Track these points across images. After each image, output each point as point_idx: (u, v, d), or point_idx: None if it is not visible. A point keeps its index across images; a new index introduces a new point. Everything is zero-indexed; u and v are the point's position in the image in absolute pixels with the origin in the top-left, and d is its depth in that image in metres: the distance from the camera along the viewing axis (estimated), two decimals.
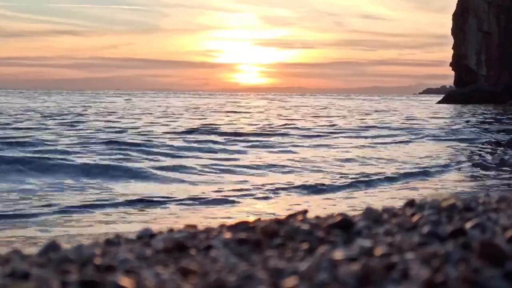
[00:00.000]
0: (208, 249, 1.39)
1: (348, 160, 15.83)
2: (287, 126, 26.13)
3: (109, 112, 38.00)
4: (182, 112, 40.17)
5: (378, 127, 26.61)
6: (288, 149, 17.93)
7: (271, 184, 11.46)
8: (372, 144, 19.83)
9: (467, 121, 31.93)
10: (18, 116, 31.09)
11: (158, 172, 12.81)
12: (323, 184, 11.58)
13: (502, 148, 19.43)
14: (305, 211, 1.71)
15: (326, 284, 1.10)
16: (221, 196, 10.22)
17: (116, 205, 9.21)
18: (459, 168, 14.57)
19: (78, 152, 15.47)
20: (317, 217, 1.67)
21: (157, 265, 1.26)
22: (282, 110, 47.61)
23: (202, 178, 12.50)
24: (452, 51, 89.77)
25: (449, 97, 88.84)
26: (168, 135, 20.88)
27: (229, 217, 8.32)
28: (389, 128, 26.99)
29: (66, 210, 8.74)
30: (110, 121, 28.71)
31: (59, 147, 16.38)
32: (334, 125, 28.03)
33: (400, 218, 1.62)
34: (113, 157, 14.82)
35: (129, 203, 9.33)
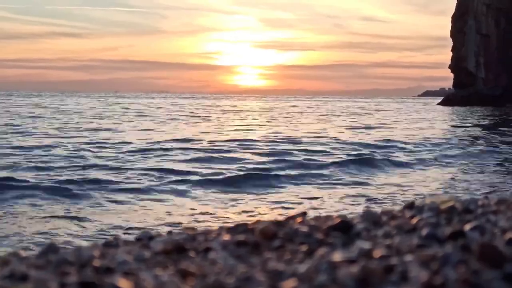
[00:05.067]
0: (207, 251, 1.39)
1: None
2: None
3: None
4: None
5: None
6: None
7: None
8: None
9: None
10: None
11: None
12: None
13: None
14: (304, 213, 1.71)
15: (325, 286, 1.10)
16: None
17: None
18: None
19: None
20: (316, 219, 1.67)
21: (156, 267, 1.26)
22: None
23: None
24: (451, 54, 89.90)
25: (448, 99, 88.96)
26: None
27: None
28: None
29: None
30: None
31: None
32: None
33: (399, 220, 1.62)
34: None
35: None
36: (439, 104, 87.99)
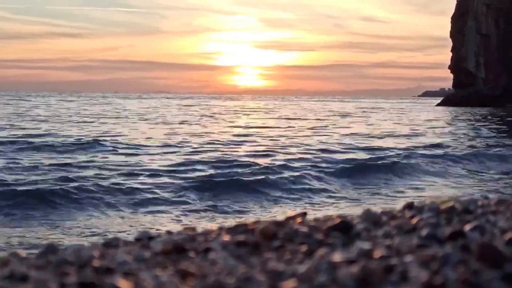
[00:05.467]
0: (207, 251, 1.39)
1: None
2: None
3: None
4: None
5: None
6: None
7: None
8: None
9: None
10: None
11: None
12: None
13: None
14: (304, 214, 1.71)
15: (325, 286, 1.10)
16: None
17: None
18: None
19: None
20: (316, 220, 1.67)
21: (155, 267, 1.26)
22: None
23: None
24: (451, 54, 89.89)
25: (448, 100, 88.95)
26: None
27: None
28: None
29: None
30: None
31: None
32: None
33: (399, 221, 1.62)
34: None
35: None
36: (438, 105, 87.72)
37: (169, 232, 1.61)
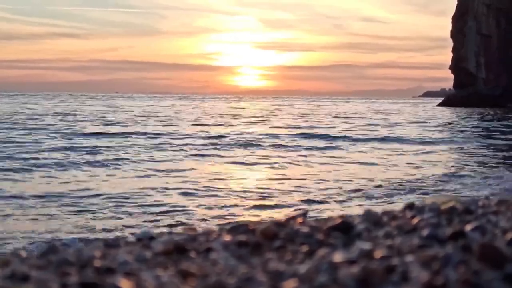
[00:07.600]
0: (208, 251, 1.39)
1: None
2: None
3: None
4: None
5: None
6: None
7: None
8: None
9: None
10: None
11: None
12: None
13: None
14: (305, 214, 1.71)
15: (326, 286, 1.10)
16: None
17: None
18: None
19: None
20: (317, 220, 1.67)
21: (156, 267, 1.26)
22: None
23: None
24: (451, 54, 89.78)
25: (448, 100, 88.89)
26: None
27: None
28: None
29: None
30: None
31: None
32: None
33: (399, 221, 1.62)
34: None
35: None
36: (439, 105, 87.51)
37: (170, 232, 1.61)
